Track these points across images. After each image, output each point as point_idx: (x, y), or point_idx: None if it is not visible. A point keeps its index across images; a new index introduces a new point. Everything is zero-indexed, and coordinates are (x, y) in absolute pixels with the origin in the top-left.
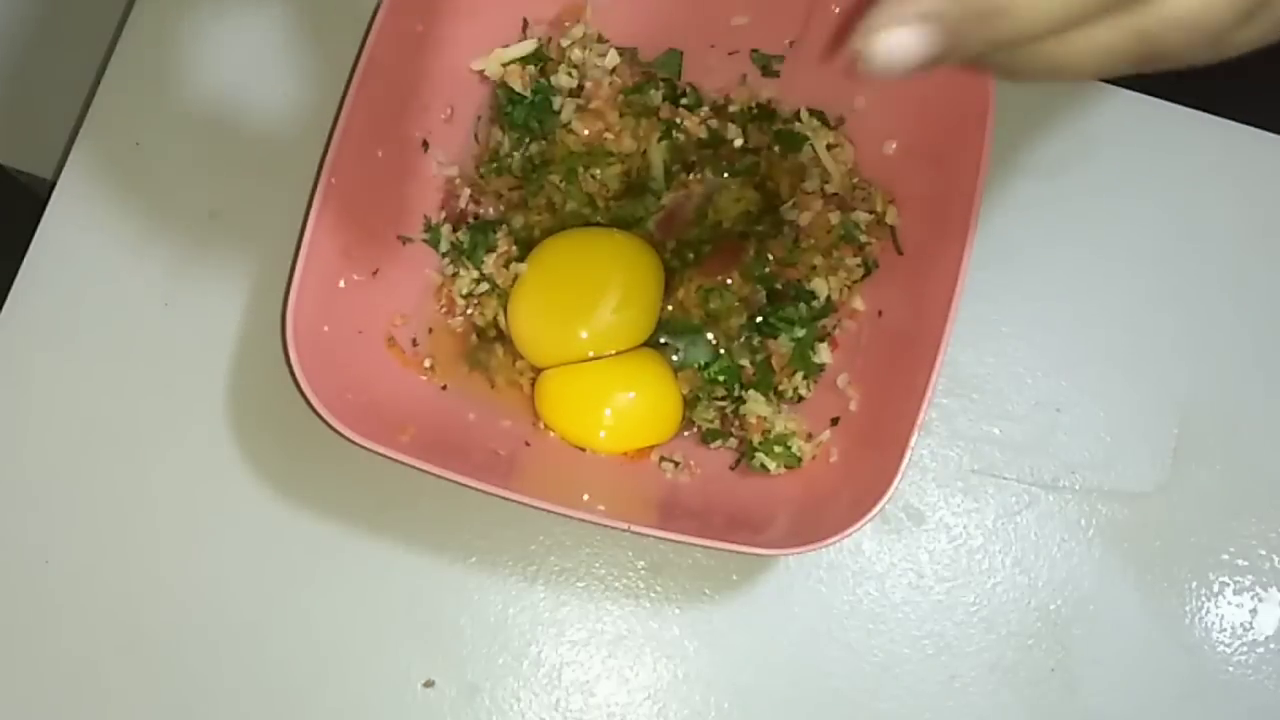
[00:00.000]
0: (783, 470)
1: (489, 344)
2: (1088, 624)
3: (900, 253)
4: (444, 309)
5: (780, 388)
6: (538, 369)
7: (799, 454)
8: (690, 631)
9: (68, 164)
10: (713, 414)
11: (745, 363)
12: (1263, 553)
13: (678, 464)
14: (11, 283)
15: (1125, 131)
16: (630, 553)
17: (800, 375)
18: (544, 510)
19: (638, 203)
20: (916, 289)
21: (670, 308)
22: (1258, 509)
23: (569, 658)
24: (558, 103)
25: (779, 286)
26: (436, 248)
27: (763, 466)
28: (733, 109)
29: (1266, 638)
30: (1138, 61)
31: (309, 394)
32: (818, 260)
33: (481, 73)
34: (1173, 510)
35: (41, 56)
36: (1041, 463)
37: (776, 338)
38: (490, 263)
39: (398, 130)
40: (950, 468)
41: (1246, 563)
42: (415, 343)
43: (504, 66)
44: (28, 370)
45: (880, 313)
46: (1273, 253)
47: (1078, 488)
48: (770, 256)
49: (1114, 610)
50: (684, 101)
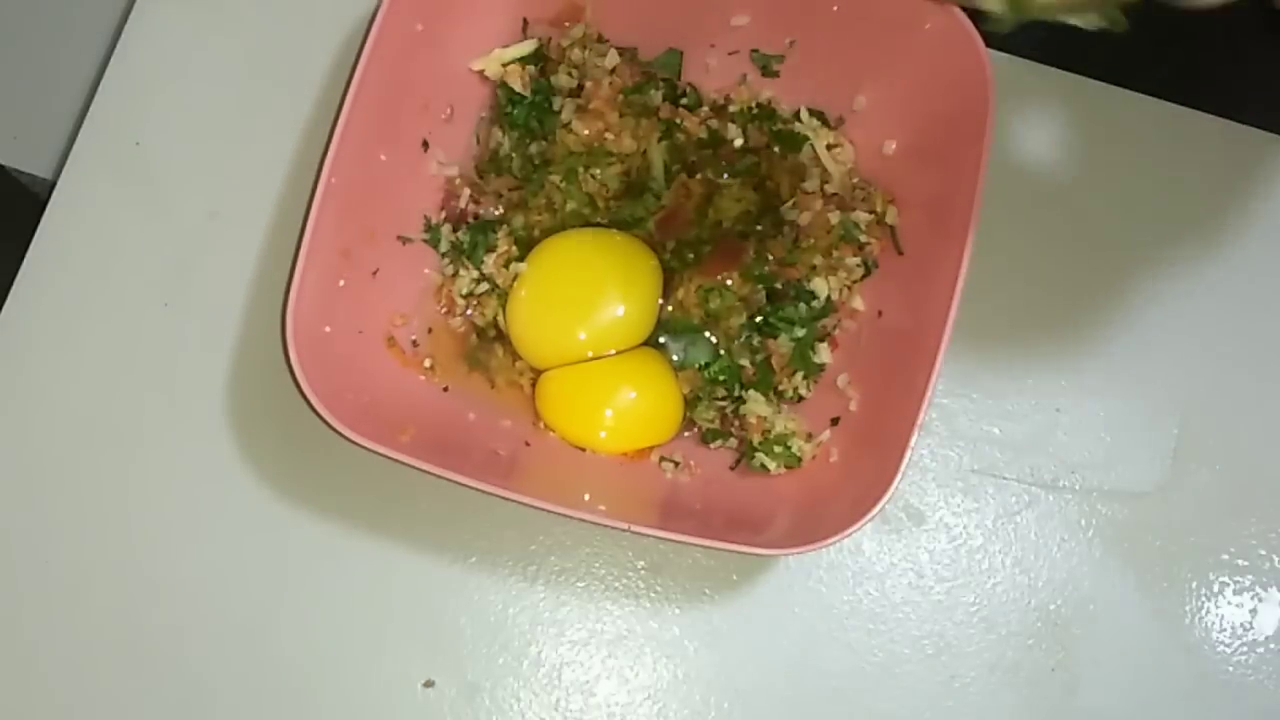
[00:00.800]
0: (783, 470)
1: (489, 344)
2: (1088, 624)
3: (900, 253)
4: (444, 309)
5: (780, 388)
6: (538, 369)
7: (799, 454)
8: (690, 631)
9: (68, 164)
10: (713, 414)
11: (745, 363)
12: (1263, 553)
13: (678, 464)
14: (11, 283)
15: (1126, 132)
16: (630, 553)
17: (800, 375)
18: (544, 510)
19: (638, 203)
20: (916, 289)
21: (670, 308)
22: (1258, 509)
23: (569, 658)
24: (558, 103)
25: (779, 286)
26: (436, 248)
27: (763, 466)
28: (733, 109)
29: (1266, 638)
30: None
31: (309, 394)
32: (818, 260)
33: (481, 73)
34: (1173, 510)
35: (41, 56)
36: (1041, 463)
37: (776, 338)
38: (490, 263)
39: (398, 130)
40: (950, 468)
41: (1246, 563)
42: (415, 343)
43: (504, 66)
44: (28, 370)
45: (880, 313)
46: (1274, 253)
47: (1078, 488)
48: (770, 256)
49: (1114, 610)
50: (684, 101)
